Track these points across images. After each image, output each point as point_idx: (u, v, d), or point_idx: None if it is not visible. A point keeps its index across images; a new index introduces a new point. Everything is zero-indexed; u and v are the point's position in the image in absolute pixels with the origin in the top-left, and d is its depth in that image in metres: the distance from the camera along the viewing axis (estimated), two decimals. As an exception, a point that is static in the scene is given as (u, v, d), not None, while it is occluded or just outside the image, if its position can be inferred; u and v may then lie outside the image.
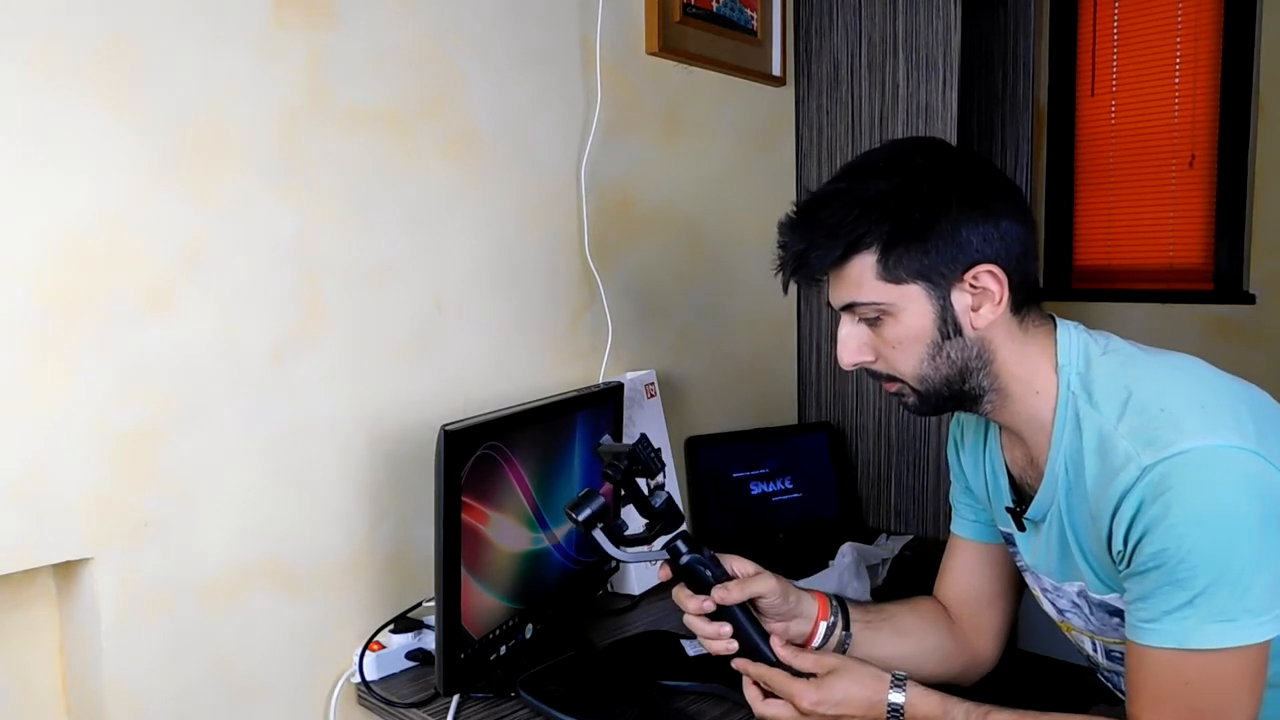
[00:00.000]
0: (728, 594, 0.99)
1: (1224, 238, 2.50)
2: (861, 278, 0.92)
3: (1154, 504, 0.82)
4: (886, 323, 0.93)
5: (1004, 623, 1.16)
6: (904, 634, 1.12)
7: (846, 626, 1.08)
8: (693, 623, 1.02)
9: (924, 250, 0.89)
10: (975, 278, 0.90)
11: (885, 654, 1.09)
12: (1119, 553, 0.87)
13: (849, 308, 0.95)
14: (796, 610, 1.05)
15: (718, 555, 1.03)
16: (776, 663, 0.99)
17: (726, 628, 0.99)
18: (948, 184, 0.90)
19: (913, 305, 0.91)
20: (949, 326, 0.92)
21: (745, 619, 1.00)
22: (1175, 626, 0.82)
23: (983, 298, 0.91)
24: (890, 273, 0.90)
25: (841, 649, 1.07)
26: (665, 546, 1.01)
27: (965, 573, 1.17)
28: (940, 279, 0.90)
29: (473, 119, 1.41)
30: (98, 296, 1.03)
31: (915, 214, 0.89)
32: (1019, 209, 0.92)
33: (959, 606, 1.16)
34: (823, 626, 1.06)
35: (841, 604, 1.10)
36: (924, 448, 1.92)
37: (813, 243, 0.92)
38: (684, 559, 1.00)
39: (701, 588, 1.00)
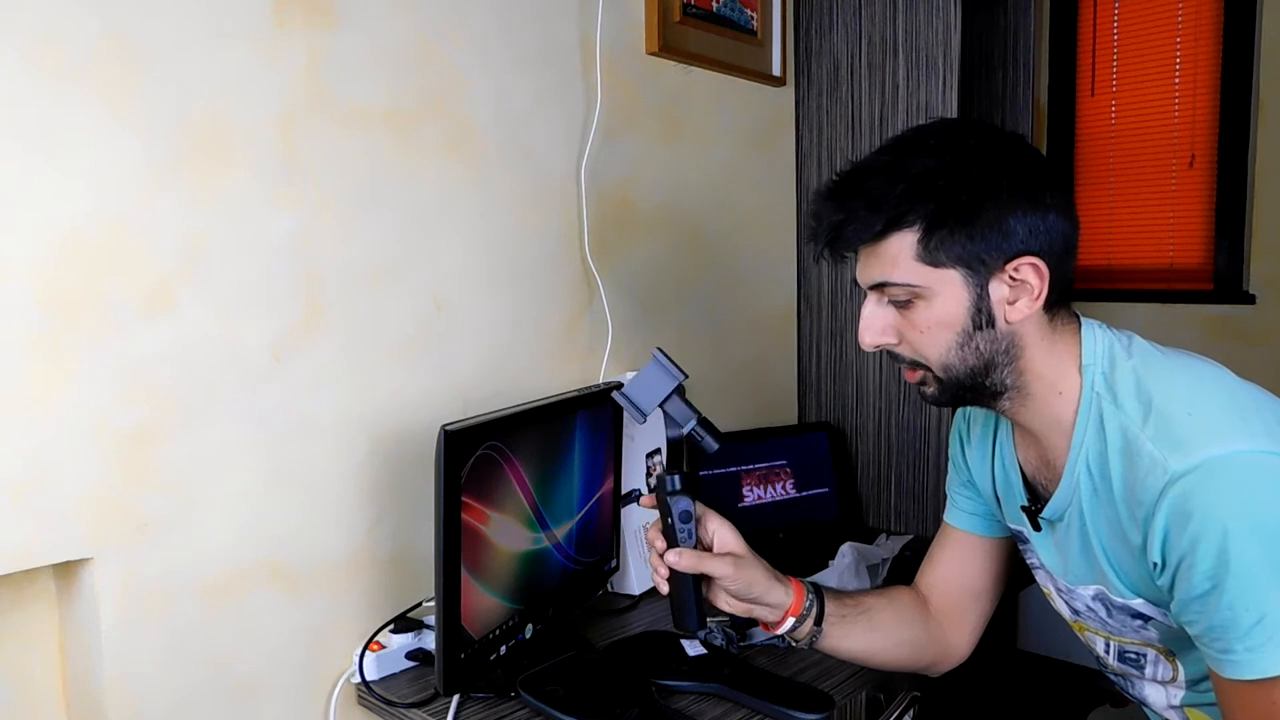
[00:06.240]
0: (679, 560, 0.99)
1: (1224, 238, 2.50)
2: (899, 257, 0.88)
3: (1191, 518, 0.79)
4: (918, 306, 0.90)
5: (983, 618, 1.15)
6: (878, 628, 1.10)
7: (819, 622, 1.06)
8: (651, 542, 1.03)
9: (968, 235, 0.86)
10: (1016, 269, 0.87)
11: (855, 646, 1.09)
12: (1155, 564, 0.85)
13: (879, 287, 0.91)
14: (764, 598, 1.03)
15: (709, 514, 1.03)
16: (698, 627, 1.02)
17: (665, 570, 1.01)
18: (999, 169, 0.87)
19: (948, 290, 0.88)
20: (982, 317, 0.89)
21: (689, 579, 1.01)
22: (1254, 656, 0.79)
23: (1020, 290, 0.89)
24: (930, 255, 0.87)
25: (811, 641, 1.06)
26: (658, 476, 1.01)
27: (953, 563, 1.15)
28: (981, 266, 0.87)
29: (473, 119, 1.41)
30: (98, 297, 1.03)
31: (963, 195, 0.86)
32: (1067, 204, 0.89)
33: (941, 596, 1.15)
34: (789, 622, 1.04)
35: (819, 599, 1.07)
36: (924, 448, 1.91)
37: (852, 214, 0.89)
38: (671, 500, 1.01)
39: (668, 530, 1.01)
